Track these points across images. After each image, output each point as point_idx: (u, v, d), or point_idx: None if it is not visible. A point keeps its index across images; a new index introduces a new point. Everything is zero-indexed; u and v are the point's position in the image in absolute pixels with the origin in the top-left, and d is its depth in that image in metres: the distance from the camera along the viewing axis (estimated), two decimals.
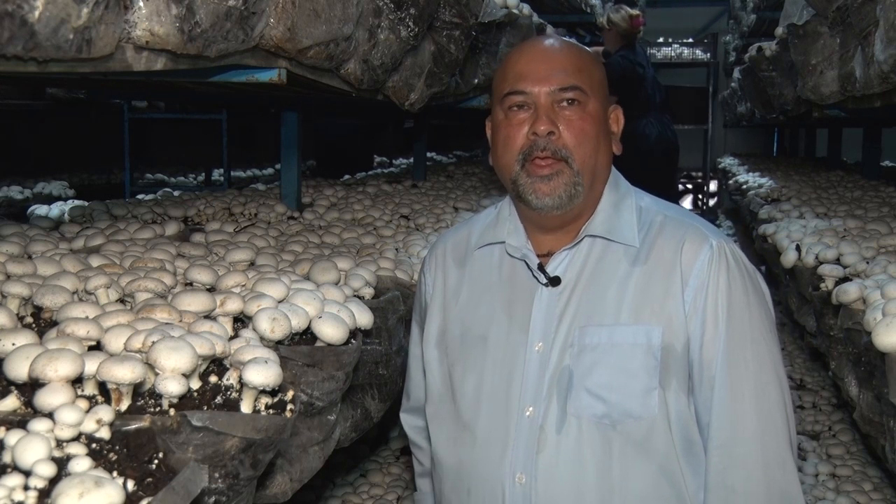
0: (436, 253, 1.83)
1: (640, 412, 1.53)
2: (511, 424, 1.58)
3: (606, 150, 1.64)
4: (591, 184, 1.60)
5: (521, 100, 1.60)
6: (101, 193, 5.96)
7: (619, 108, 1.70)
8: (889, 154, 7.40)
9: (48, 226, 2.49)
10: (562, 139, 1.57)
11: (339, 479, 3.44)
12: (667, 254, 1.58)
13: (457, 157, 10.86)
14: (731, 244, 1.61)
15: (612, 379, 1.54)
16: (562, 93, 1.58)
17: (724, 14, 13.43)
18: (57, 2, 1.05)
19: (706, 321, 1.54)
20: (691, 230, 1.60)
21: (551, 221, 1.63)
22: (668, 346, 1.53)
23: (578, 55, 1.64)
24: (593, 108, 1.60)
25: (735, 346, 1.54)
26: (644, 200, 1.68)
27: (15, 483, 0.97)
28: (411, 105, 2.71)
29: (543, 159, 1.56)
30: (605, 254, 1.62)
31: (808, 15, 3.19)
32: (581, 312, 1.58)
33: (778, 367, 1.58)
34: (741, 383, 1.53)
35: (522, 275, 1.66)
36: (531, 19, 4.12)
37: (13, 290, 1.50)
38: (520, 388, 1.59)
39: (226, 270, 1.83)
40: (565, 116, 1.58)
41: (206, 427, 1.14)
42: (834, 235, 3.02)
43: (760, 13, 8.70)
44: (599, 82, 1.63)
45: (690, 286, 1.55)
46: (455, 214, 3.34)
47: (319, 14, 1.78)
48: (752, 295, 1.58)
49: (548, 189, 1.56)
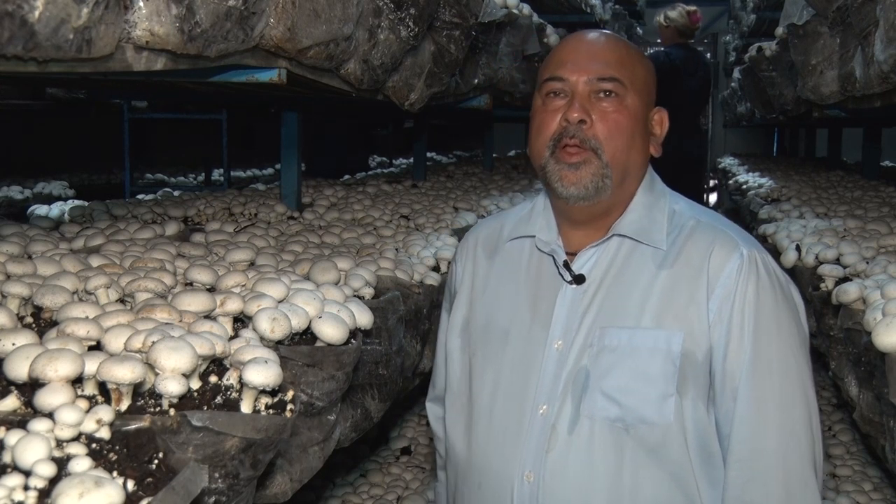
0: (468, 242, 1.81)
1: (655, 418, 1.50)
2: (524, 421, 1.57)
3: (641, 149, 1.60)
4: (621, 179, 1.57)
5: (559, 87, 1.58)
6: (101, 193, 5.96)
7: (664, 110, 1.66)
8: (889, 154, 7.40)
9: (48, 226, 2.49)
10: (593, 129, 1.54)
11: (339, 479, 3.44)
12: (694, 259, 1.55)
13: (457, 157, 10.86)
14: (764, 254, 1.56)
15: (629, 382, 1.51)
16: (599, 83, 1.56)
17: (724, 14, 13.43)
18: (57, 2, 1.05)
19: (731, 331, 1.50)
20: (722, 237, 1.56)
21: (579, 214, 1.61)
22: (688, 353, 1.50)
23: (623, 49, 1.61)
24: (632, 103, 1.57)
25: (761, 359, 1.50)
26: (679, 204, 1.65)
27: (15, 483, 0.97)
28: (411, 105, 2.71)
29: (572, 147, 1.54)
30: (633, 255, 1.59)
31: (808, 15, 3.20)
32: (603, 313, 1.56)
33: (806, 383, 1.53)
34: (765, 396, 1.50)
35: (549, 270, 1.64)
36: (531, 19, 4.13)
37: (13, 290, 1.50)
38: (536, 385, 1.58)
39: (226, 270, 1.83)
40: (601, 108, 1.55)
41: (206, 427, 1.14)
42: (834, 235, 3.02)
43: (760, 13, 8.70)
44: (643, 80, 1.61)
45: (716, 294, 1.51)
46: (455, 214, 3.34)
47: (319, 14, 1.78)
48: (783, 307, 1.53)
49: (574, 178, 1.54)
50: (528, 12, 4.05)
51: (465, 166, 6.81)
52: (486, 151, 6.67)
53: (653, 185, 1.66)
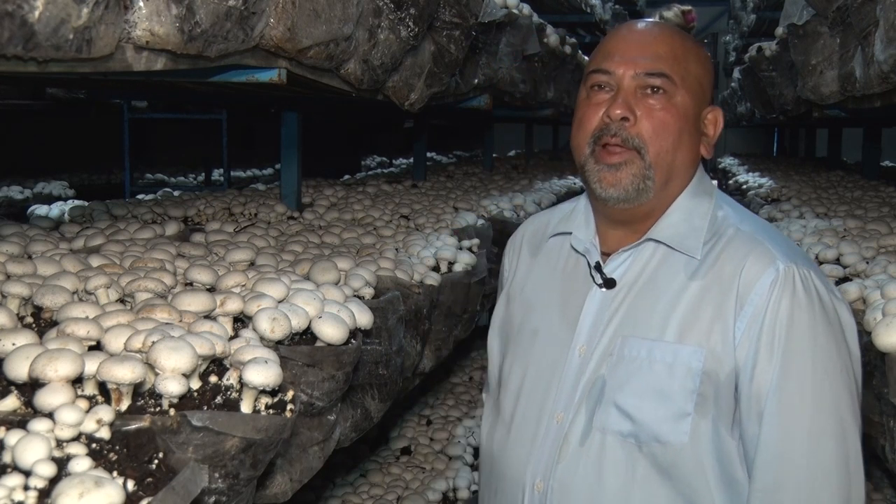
0: (516, 237, 1.76)
1: (669, 437, 1.41)
2: (541, 428, 1.51)
3: (689, 150, 1.50)
4: (665, 181, 1.48)
5: (605, 79, 1.49)
6: (101, 193, 5.96)
7: (718, 110, 1.56)
8: (889, 154, 7.41)
9: (48, 226, 2.49)
10: (637, 127, 1.45)
11: (339, 479, 3.44)
12: (726, 272, 1.44)
13: (457, 157, 10.87)
14: (807, 269, 1.43)
15: (644, 398, 1.43)
16: (647, 78, 1.46)
17: (724, 14, 13.45)
18: (57, 2, 1.05)
19: (759, 351, 1.39)
20: (759, 249, 1.44)
21: (618, 215, 1.52)
22: (710, 371, 1.40)
23: (676, 42, 1.50)
24: (682, 101, 1.47)
25: (790, 383, 1.38)
26: (724, 209, 1.54)
27: (15, 483, 0.97)
28: (411, 105, 2.71)
29: (613, 146, 1.45)
30: (665, 262, 1.50)
31: (808, 15, 3.20)
32: (627, 321, 1.48)
33: (844, 416, 1.39)
34: (793, 424, 1.38)
35: (583, 271, 1.57)
36: (531, 19, 4.13)
37: (13, 290, 1.50)
38: (556, 390, 1.52)
39: (226, 270, 1.83)
40: (647, 104, 1.46)
41: (206, 427, 1.14)
42: (834, 235, 3.02)
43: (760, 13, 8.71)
44: (696, 77, 1.50)
45: (746, 312, 1.40)
46: (455, 214, 3.34)
47: (319, 14, 1.78)
48: (822, 328, 1.39)
49: (613, 179, 1.45)
50: (528, 12, 4.05)
51: (465, 166, 6.81)
52: (486, 151, 6.67)
53: (699, 187, 1.55)
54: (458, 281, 2.53)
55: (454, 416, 4.05)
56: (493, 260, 3.24)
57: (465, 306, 2.62)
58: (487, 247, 3.14)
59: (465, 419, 4.00)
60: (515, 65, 4.00)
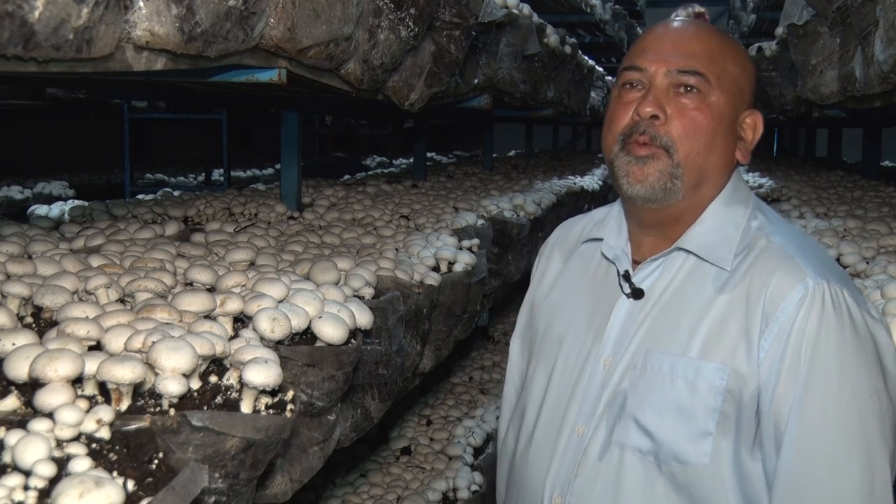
0: (549, 240, 1.73)
1: (689, 457, 1.37)
2: (562, 440, 1.48)
3: (723, 153, 1.44)
4: (695, 184, 1.42)
5: (637, 77, 1.45)
6: (101, 193, 5.97)
7: (758, 114, 1.50)
8: (889, 154, 7.41)
9: (48, 226, 2.49)
10: (666, 126, 1.40)
11: (339, 479, 3.44)
12: (755, 287, 1.37)
13: (457, 157, 10.88)
14: (839, 286, 1.36)
15: (665, 414, 1.39)
16: (680, 76, 1.41)
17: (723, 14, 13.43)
18: (57, 2, 1.05)
19: (782, 371, 1.33)
20: (789, 264, 1.37)
21: (648, 217, 1.47)
22: (733, 390, 1.35)
23: (714, 41, 1.45)
24: (717, 102, 1.41)
25: (812, 406, 1.31)
26: (758, 219, 1.48)
27: (15, 483, 0.97)
28: (411, 105, 2.71)
29: (642, 145, 1.41)
30: (694, 273, 1.44)
31: (808, 15, 3.20)
32: (652, 334, 1.44)
33: (871, 441, 1.31)
34: (814, 450, 1.31)
35: (612, 279, 1.52)
36: (531, 19, 4.13)
37: (13, 290, 1.50)
38: (579, 402, 1.48)
39: (226, 270, 1.83)
40: (680, 103, 1.41)
41: (206, 427, 1.14)
42: (834, 235, 3.02)
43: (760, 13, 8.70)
44: (733, 78, 1.44)
45: (771, 329, 1.34)
46: (455, 214, 3.34)
47: (319, 14, 1.78)
48: (852, 350, 1.32)
49: (640, 174, 1.41)
50: (528, 12, 4.05)
51: (465, 166, 6.80)
52: (486, 151, 6.67)
53: (734, 194, 1.49)
54: (458, 281, 2.53)
55: (454, 416, 4.05)
56: (492, 260, 3.24)
57: (465, 306, 2.62)
58: (487, 247, 3.14)
59: (465, 419, 4.01)
60: (515, 65, 4.00)
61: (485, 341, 5.18)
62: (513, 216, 3.75)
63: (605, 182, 7.15)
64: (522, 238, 3.73)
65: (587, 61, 7.10)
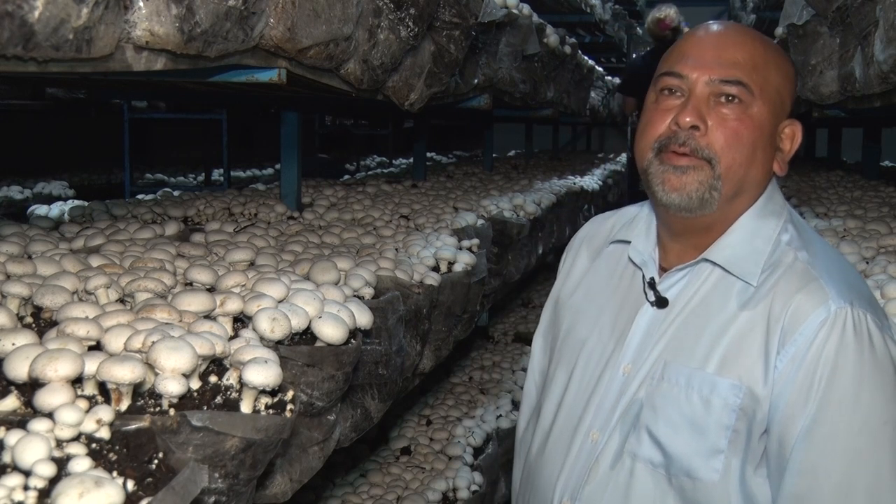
0: (577, 237, 1.70)
1: (700, 473, 1.35)
2: (575, 444, 1.47)
3: (763, 165, 1.40)
4: (732, 195, 1.39)
5: (676, 83, 1.40)
6: (101, 193, 5.97)
7: (798, 124, 1.46)
8: (889, 154, 7.40)
9: (48, 226, 2.49)
10: (707, 137, 1.36)
11: (339, 479, 3.44)
12: (777, 305, 1.34)
13: (457, 157, 10.88)
14: (863, 311, 1.32)
15: (678, 429, 1.37)
16: (722, 85, 1.37)
17: (723, 14, 13.44)
18: (57, 2, 1.05)
19: (794, 395, 1.30)
20: (812, 285, 1.34)
21: (677, 224, 1.45)
22: (746, 409, 1.33)
23: (758, 49, 1.40)
24: (759, 112, 1.37)
25: (822, 431, 1.29)
26: (790, 232, 1.43)
27: (15, 483, 0.97)
28: (411, 105, 2.71)
29: (681, 155, 1.37)
30: (718, 286, 1.41)
31: (808, 15, 3.20)
32: (672, 345, 1.41)
33: (881, 472, 1.28)
34: (819, 479, 1.29)
35: (637, 285, 1.50)
36: (531, 19, 4.13)
37: (13, 290, 1.50)
38: (596, 407, 1.47)
39: (226, 270, 1.83)
40: (721, 113, 1.37)
41: (205, 427, 1.14)
42: (834, 235, 3.02)
43: (760, 13, 8.70)
44: (776, 87, 1.40)
45: (787, 350, 1.32)
46: (455, 214, 3.34)
47: (319, 14, 1.78)
48: (869, 378, 1.28)
49: (678, 183, 1.37)
50: (528, 12, 4.05)
51: (464, 166, 6.80)
52: (485, 151, 6.67)
53: (767, 205, 1.45)
54: (457, 281, 2.53)
55: (454, 416, 4.05)
56: (492, 260, 3.24)
57: (464, 306, 2.62)
58: (487, 247, 3.14)
59: (465, 419, 4.01)
60: (515, 65, 4.00)
61: (485, 341, 5.18)
62: (513, 216, 3.75)
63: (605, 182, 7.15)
64: (522, 238, 3.73)
65: (587, 61, 7.10)
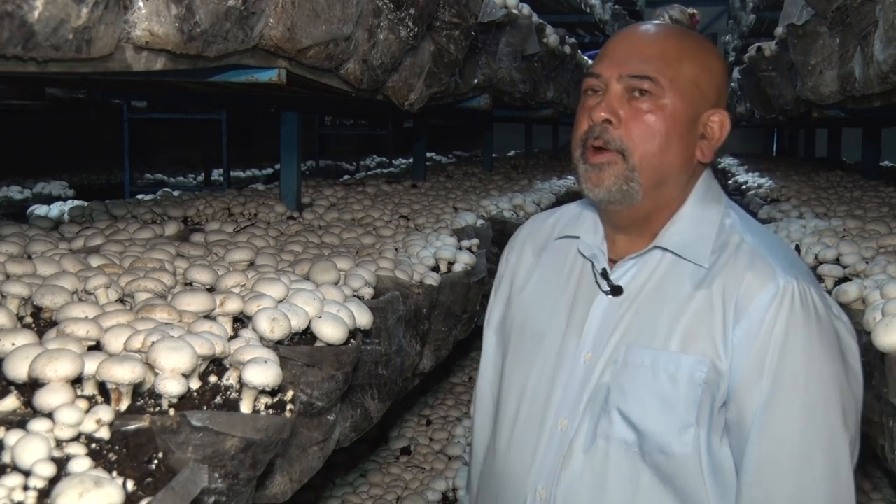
0: (518, 235, 1.74)
1: (674, 448, 1.41)
2: (544, 434, 1.51)
3: (680, 153, 1.47)
4: (654, 184, 1.46)
5: (595, 83, 1.48)
6: (101, 193, 5.97)
7: (725, 113, 1.51)
8: (889, 154, 7.41)
9: (48, 226, 2.49)
10: (620, 130, 1.44)
11: (339, 479, 3.44)
12: (729, 283, 1.42)
13: (456, 157, 10.87)
14: (807, 285, 1.41)
15: (648, 407, 1.43)
16: (632, 80, 1.44)
17: (723, 14, 13.46)
18: (56, 2, 1.06)
19: (749, 365, 1.38)
20: (760, 263, 1.43)
21: (616, 218, 1.52)
22: (711, 382, 1.40)
23: (670, 44, 1.48)
24: (671, 104, 1.44)
25: (780, 400, 1.37)
26: (732, 217, 1.52)
27: (14, 483, 0.97)
28: (411, 105, 2.71)
29: (597, 149, 1.45)
30: (672, 270, 1.48)
31: (808, 15, 3.20)
32: (632, 329, 1.47)
33: (835, 433, 1.37)
34: (781, 441, 1.38)
35: (589, 277, 1.55)
36: (531, 19, 4.13)
37: (13, 290, 1.50)
38: (560, 397, 1.51)
39: (225, 270, 1.83)
40: (634, 107, 1.44)
41: (205, 427, 1.14)
42: (833, 235, 3.02)
43: (760, 13, 8.71)
44: (691, 79, 1.46)
45: (741, 325, 1.39)
46: (455, 214, 3.34)
47: (319, 14, 1.78)
48: (818, 346, 1.38)
49: (597, 179, 1.45)
50: (527, 12, 4.05)
51: (464, 166, 6.81)
52: (485, 151, 6.67)
53: (708, 193, 1.53)
54: (457, 281, 2.53)
55: (454, 416, 4.05)
56: (492, 260, 3.24)
57: (464, 306, 2.62)
58: (487, 247, 3.14)
59: (465, 419, 4.01)
60: (515, 65, 4.00)
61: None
62: (512, 216, 3.75)
63: None
64: None
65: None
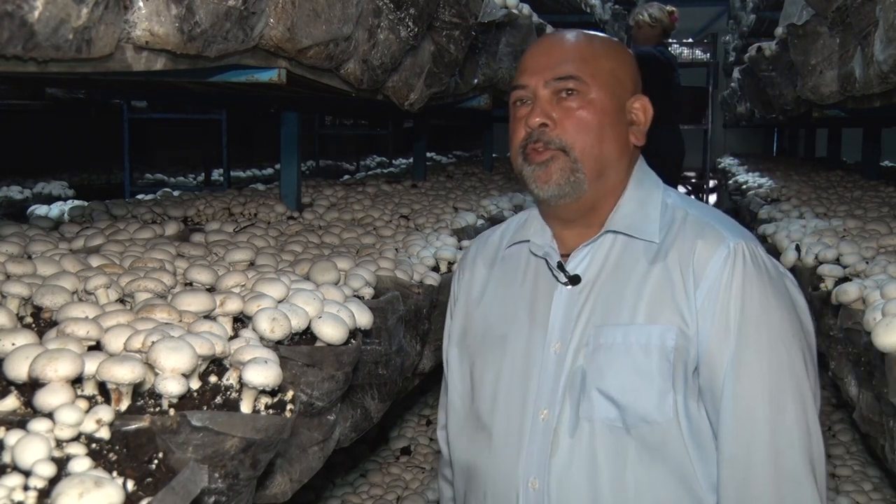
0: (468, 253, 1.81)
1: (655, 416, 1.47)
2: (526, 427, 1.55)
3: (617, 141, 1.57)
4: (597, 174, 1.55)
5: (523, 94, 1.57)
6: (101, 193, 5.97)
7: (645, 98, 1.62)
8: (889, 154, 7.41)
9: (48, 226, 2.49)
10: (557, 130, 1.53)
11: (339, 479, 3.44)
12: (683, 253, 1.52)
13: (456, 157, 10.87)
14: (754, 245, 1.53)
15: (626, 381, 1.48)
16: (557, 83, 1.53)
17: (723, 14, 13.46)
18: (57, 2, 1.05)
19: (715, 326, 1.47)
20: (709, 230, 1.53)
21: (565, 212, 1.59)
22: (680, 348, 1.48)
23: (582, 44, 1.58)
24: (598, 97, 1.54)
25: (747, 353, 1.46)
26: (671, 197, 1.63)
27: (15, 483, 0.97)
28: (411, 105, 2.71)
29: (539, 152, 1.53)
30: (626, 251, 1.56)
31: (808, 15, 3.20)
32: (598, 311, 1.54)
33: (800, 378, 1.47)
34: (753, 392, 1.45)
35: (545, 274, 1.62)
36: (531, 19, 4.13)
37: (13, 290, 1.50)
38: (536, 389, 1.55)
39: (225, 270, 1.83)
40: (564, 107, 1.53)
41: (205, 427, 1.14)
42: (833, 235, 3.02)
43: (760, 13, 8.71)
44: (608, 72, 1.57)
45: (702, 288, 1.48)
46: (455, 214, 3.34)
47: (319, 14, 1.78)
48: (773, 300, 1.48)
49: (545, 176, 1.53)
50: (528, 12, 4.05)
51: (464, 166, 6.81)
52: (485, 151, 6.67)
53: (644, 178, 1.63)
54: None
55: None
56: None
57: None
58: None
59: None
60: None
61: None
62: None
63: None
64: None
65: None
